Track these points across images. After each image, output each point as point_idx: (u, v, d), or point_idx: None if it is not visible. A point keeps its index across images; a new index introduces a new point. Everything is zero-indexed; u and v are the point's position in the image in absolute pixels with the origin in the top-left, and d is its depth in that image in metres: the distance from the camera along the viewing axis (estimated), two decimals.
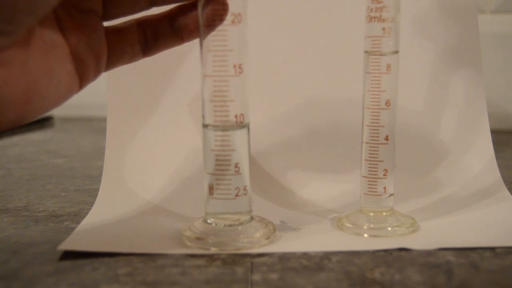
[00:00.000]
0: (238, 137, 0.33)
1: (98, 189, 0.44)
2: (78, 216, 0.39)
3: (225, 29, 0.32)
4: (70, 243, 0.33)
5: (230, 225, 0.34)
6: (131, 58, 0.34)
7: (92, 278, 0.29)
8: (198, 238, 0.33)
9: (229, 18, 0.31)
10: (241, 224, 0.34)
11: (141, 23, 0.34)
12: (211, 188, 0.33)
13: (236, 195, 0.33)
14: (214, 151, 0.33)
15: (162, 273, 0.30)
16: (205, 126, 0.33)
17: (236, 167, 0.33)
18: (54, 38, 0.29)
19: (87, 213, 0.39)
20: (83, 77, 0.32)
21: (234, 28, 0.32)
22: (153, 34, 0.34)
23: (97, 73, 0.33)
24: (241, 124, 0.33)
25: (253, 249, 0.33)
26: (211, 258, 0.32)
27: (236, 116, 0.32)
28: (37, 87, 0.28)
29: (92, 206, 0.40)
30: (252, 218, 0.34)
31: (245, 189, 0.33)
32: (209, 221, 0.34)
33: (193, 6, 0.34)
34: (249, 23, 0.32)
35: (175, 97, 0.47)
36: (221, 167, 0.33)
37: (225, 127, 0.32)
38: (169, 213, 0.39)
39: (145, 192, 0.43)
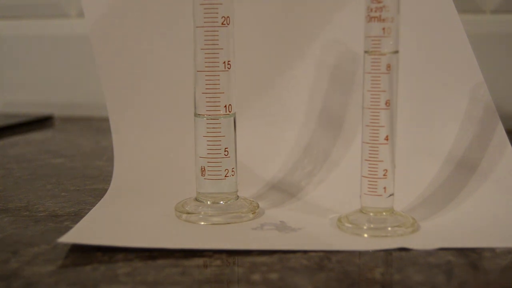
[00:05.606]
0: (227, 125, 0.37)
1: (98, 189, 0.44)
2: (78, 216, 0.39)
3: (216, 30, 0.36)
4: (71, 237, 0.33)
5: (220, 202, 0.38)
6: None
7: (92, 278, 0.29)
8: (189, 213, 0.37)
9: (219, 20, 0.35)
10: (229, 201, 0.38)
11: None
12: (203, 170, 0.37)
13: (226, 176, 0.37)
14: (206, 137, 0.37)
15: (162, 273, 0.30)
16: (197, 115, 0.37)
17: (225, 151, 0.37)
18: None
19: (87, 213, 0.39)
20: None
21: (223, 29, 0.36)
22: None
23: None
24: (229, 114, 0.37)
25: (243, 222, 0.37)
26: (211, 258, 0.32)
27: (225, 107, 0.37)
28: None
29: (92, 206, 0.40)
30: (238, 197, 0.39)
31: (233, 171, 0.38)
32: (199, 199, 0.38)
33: None
34: (247, 23, 0.33)
35: (173, 95, 0.48)
36: (212, 151, 0.37)
37: (215, 116, 0.37)
38: (170, 208, 0.39)
39: (152, 187, 0.44)
